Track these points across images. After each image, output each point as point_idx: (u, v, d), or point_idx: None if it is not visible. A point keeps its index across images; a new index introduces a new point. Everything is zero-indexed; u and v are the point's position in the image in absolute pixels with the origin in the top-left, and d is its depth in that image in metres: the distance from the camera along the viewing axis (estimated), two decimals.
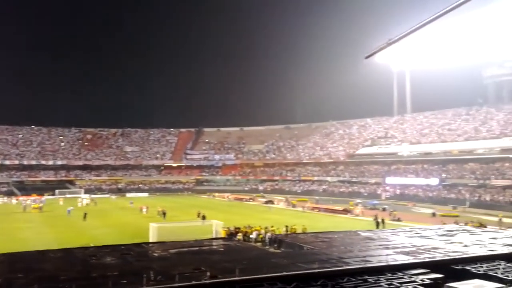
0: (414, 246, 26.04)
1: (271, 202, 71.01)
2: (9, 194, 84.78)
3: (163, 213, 48.77)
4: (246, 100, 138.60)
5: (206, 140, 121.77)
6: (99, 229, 40.93)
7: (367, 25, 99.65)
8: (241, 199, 78.91)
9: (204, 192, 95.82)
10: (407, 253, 23.15)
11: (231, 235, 32.21)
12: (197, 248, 24.83)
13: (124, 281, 15.64)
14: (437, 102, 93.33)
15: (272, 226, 34.39)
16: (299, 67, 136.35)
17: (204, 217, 43.02)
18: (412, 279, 18.69)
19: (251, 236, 31.91)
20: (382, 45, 6.45)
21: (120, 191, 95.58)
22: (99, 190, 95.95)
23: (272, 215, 51.72)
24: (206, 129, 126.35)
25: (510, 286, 18.29)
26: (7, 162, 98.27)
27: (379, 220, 42.99)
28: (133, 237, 31.93)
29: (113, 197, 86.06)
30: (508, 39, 75.77)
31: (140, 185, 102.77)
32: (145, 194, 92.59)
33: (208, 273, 16.67)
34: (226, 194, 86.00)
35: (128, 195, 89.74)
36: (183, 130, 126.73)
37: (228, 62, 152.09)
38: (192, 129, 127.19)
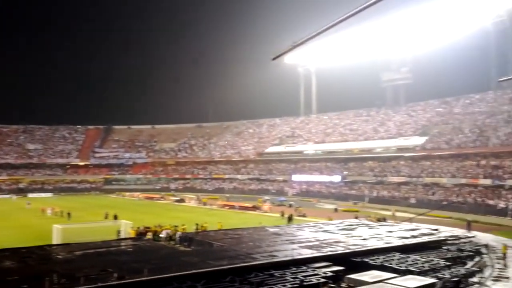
0: (317, 240, 27.40)
1: (182, 200, 70.58)
2: None
3: (68, 213, 46.74)
4: (158, 98, 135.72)
5: (116, 138, 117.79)
6: None
7: (276, 26, 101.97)
8: (152, 198, 77.50)
9: (113, 191, 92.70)
10: (311, 247, 24.35)
11: (140, 235, 31.71)
12: (104, 249, 24.25)
13: (25, 286, 15.01)
14: (340, 103, 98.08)
15: (183, 225, 34.36)
16: (210, 66, 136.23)
17: (116, 217, 41.78)
18: (316, 272, 19.73)
19: (161, 235, 31.65)
20: (288, 48, 6.54)
21: (22, 191, 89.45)
22: None
23: (183, 214, 51.53)
24: (115, 127, 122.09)
25: (403, 275, 20.01)
26: None
27: (289, 216, 44.98)
28: (35, 239, 30.29)
29: (14, 197, 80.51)
30: (403, 47, 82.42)
31: (43, 185, 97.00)
32: (49, 194, 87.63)
33: (116, 274, 16.44)
34: (136, 193, 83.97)
35: (30, 195, 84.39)
36: (91, 127, 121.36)
37: (138, 58, 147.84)
38: (101, 127, 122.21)
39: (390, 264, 22.04)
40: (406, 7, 66.29)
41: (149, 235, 31.04)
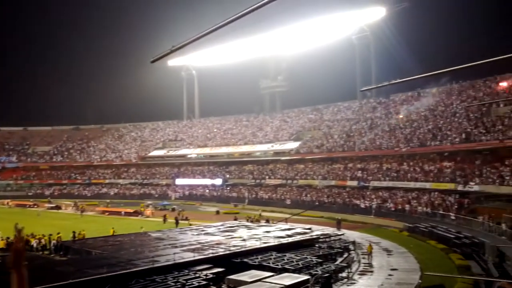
0: (199, 243, 28.16)
1: (58, 207, 66.89)
2: None
3: None
4: (31, 98, 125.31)
5: None
6: None
7: (161, 27, 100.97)
8: (24, 205, 72.03)
9: None
10: (193, 250, 25.00)
11: (10, 245, 29.79)
12: None
13: None
14: (222, 108, 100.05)
15: (58, 233, 32.97)
16: (89, 66, 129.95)
17: None
18: (197, 275, 20.44)
19: (32, 244, 30.10)
20: (166, 51, 6.37)
21: None
22: None
23: (59, 221, 48.99)
24: None
25: (279, 273, 21.45)
26: None
27: (176, 219, 46.05)
28: None
29: None
30: (279, 55, 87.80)
31: None
32: None
33: None
34: (6, 200, 77.21)
35: None
36: None
37: (9, 54, 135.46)
38: None
39: (268, 263, 23.44)
40: (281, 17, 70.39)
41: None
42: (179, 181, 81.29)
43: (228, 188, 73.15)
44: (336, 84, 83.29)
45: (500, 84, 53.97)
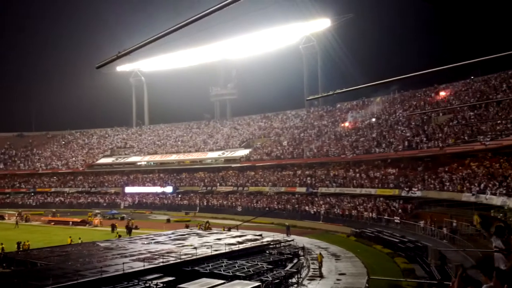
0: (149, 252, 28.03)
1: (1, 217, 64.19)
2: None
3: None
4: None
5: None
6: None
7: (103, 33, 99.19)
8: None
9: None
10: (143, 260, 24.85)
11: None
12: None
13: None
14: (172, 115, 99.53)
15: (1, 244, 31.84)
16: (33, 70, 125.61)
17: None
18: (147, 285, 20.41)
19: None
20: (112, 57, 6.45)
21: None
22: None
23: (3, 232, 47.08)
24: None
25: (230, 280, 21.67)
26: None
27: (128, 227, 45.54)
28: None
29: None
30: (229, 62, 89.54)
31: None
32: None
33: None
34: None
35: None
36: None
37: None
38: None
39: (219, 271, 23.62)
40: (230, 26, 71.15)
41: None
42: (128, 189, 79.76)
43: (179, 196, 72.59)
44: (285, 92, 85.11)
45: (440, 93, 56.82)
